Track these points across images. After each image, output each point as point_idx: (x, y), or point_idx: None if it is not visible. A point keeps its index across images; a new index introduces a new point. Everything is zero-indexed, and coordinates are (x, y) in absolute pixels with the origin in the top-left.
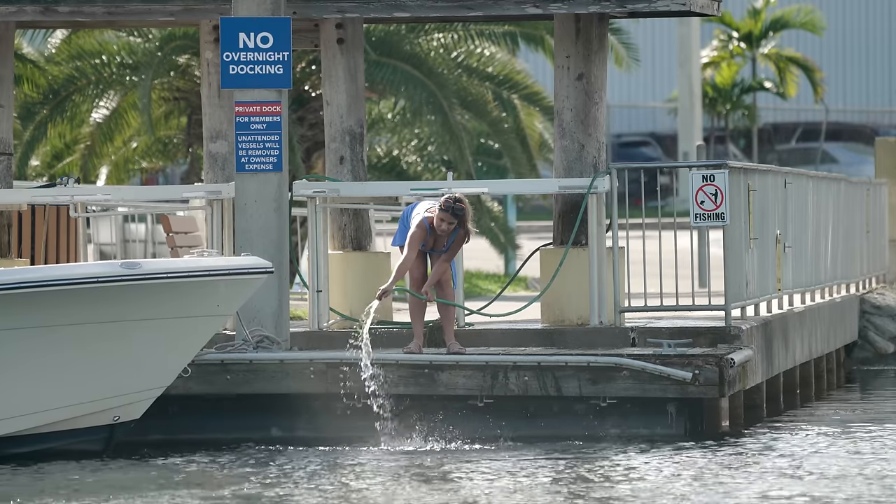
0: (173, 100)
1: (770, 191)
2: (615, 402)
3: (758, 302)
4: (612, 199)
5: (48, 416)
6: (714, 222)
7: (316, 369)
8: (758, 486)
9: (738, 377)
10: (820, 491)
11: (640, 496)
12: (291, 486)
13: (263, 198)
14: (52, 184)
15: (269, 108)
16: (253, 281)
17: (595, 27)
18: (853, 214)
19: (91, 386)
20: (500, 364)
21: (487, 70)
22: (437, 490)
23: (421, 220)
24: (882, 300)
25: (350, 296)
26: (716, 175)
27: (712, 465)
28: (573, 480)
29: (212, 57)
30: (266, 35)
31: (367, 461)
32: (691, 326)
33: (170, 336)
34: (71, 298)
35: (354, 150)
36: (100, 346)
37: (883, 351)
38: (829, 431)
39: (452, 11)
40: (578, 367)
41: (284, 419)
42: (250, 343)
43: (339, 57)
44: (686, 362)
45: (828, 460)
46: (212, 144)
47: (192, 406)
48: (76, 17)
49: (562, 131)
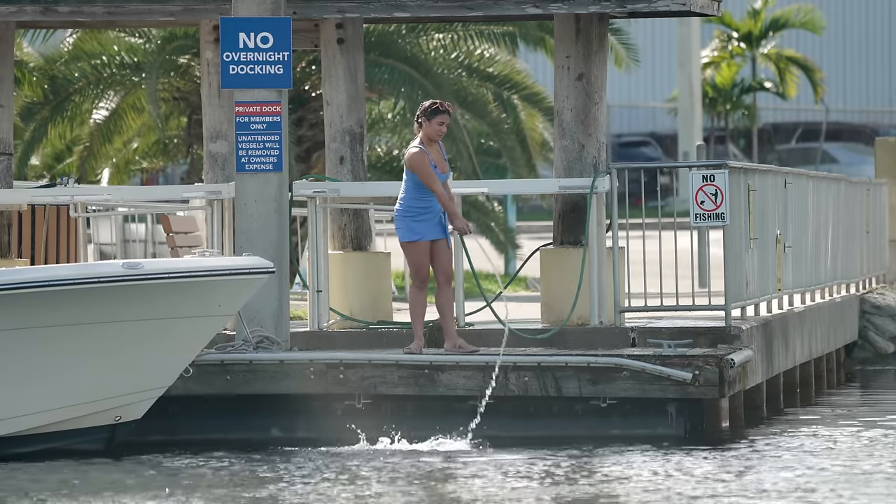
0: (173, 100)
1: (770, 191)
2: (615, 403)
3: (758, 302)
4: (612, 200)
5: (50, 416)
6: (714, 222)
7: (316, 370)
8: (757, 486)
9: (738, 377)
10: (819, 491)
11: (638, 497)
12: (291, 488)
13: (263, 198)
14: (52, 184)
15: (269, 108)
16: (254, 281)
17: (595, 27)
18: (853, 214)
19: (92, 386)
20: (501, 364)
21: (488, 70)
22: (436, 491)
23: (416, 150)
24: (882, 300)
25: (350, 296)
26: (716, 175)
27: (712, 465)
28: (572, 481)
29: (212, 57)
30: (266, 35)
31: (365, 462)
32: (691, 327)
33: (171, 336)
34: (72, 299)
35: (354, 150)
36: (101, 346)
37: (883, 351)
38: (828, 432)
39: (452, 11)
40: (578, 367)
41: (284, 420)
42: (250, 343)
43: (339, 57)
44: (686, 363)
45: (827, 461)
46: (212, 144)
47: (193, 406)
48: (76, 17)
49: (562, 131)
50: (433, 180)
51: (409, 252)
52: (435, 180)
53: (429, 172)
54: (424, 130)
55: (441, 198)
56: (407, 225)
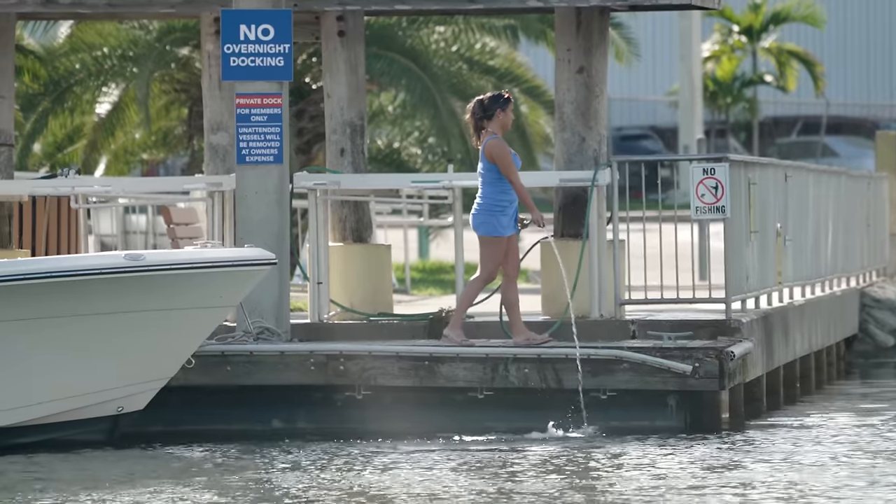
0: (174, 91)
1: (770, 184)
2: (615, 395)
3: (758, 295)
4: (612, 192)
5: (53, 406)
6: (715, 215)
7: (316, 361)
8: (753, 477)
9: (738, 370)
10: (818, 482)
11: (637, 488)
12: (290, 478)
13: (264, 189)
14: (53, 175)
15: (269, 100)
16: (256, 272)
17: (596, 21)
18: (853, 208)
19: (95, 377)
20: (501, 356)
21: (489, 63)
22: (437, 481)
23: (496, 139)
24: (882, 293)
25: (350, 288)
26: (716, 168)
27: (710, 457)
28: (572, 472)
29: (213, 49)
30: (267, 27)
31: (366, 453)
32: (691, 319)
33: (173, 327)
34: (74, 290)
35: (355, 143)
36: (104, 337)
37: (883, 344)
38: (828, 424)
39: (454, 4)
40: (580, 359)
41: (285, 411)
42: (251, 334)
43: (340, 49)
44: (686, 355)
45: (827, 453)
46: (212, 136)
47: (194, 397)
48: (77, 9)
49: (562, 124)
50: (514, 170)
51: (492, 247)
52: (515, 170)
53: (510, 162)
54: (501, 121)
55: (520, 189)
56: (493, 220)
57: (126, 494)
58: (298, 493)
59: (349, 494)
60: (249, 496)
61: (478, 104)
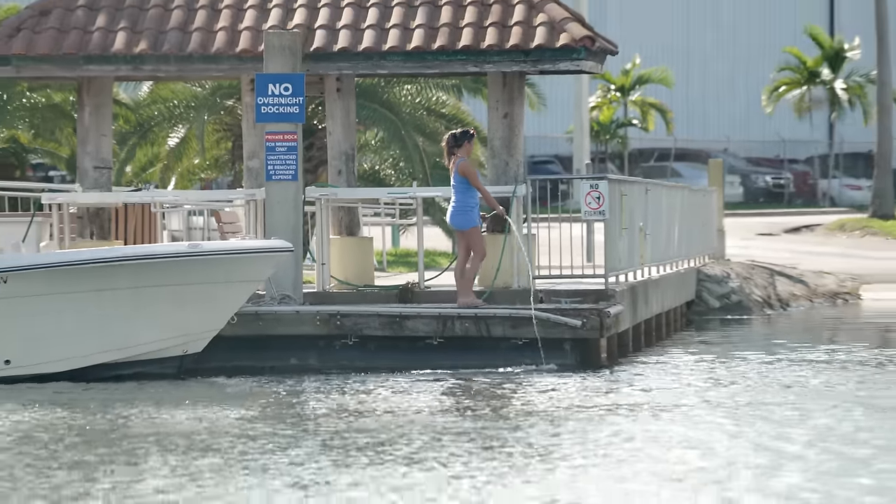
0: (222, 130)
1: (636, 196)
2: (528, 342)
3: (627, 272)
4: (527, 201)
5: (140, 349)
6: (598, 217)
7: (321, 318)
8: (625, 398)
9: (613, 324)
10: (665, 399)
11: (541, 405)
12: (304, 398)
13: (285, 199)
14: (138, 189)
15: (289, 136)
16: (279, 256)
17: (516, 81)
18: (693, 212)
19: (168, 328)
20: (449, 315)
21: (441, 111)
22: (406, 398)
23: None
24: (711, 271)
25: (345, 267)
26: (599, 184)
27: (595, 385)
28: (493, 396)
29: (249, 100)
30: (287, 85)
31: (356, 381)
32: (581, 289)
33: (221, 294)
34: (154, 268)
35: (348, 166)
36: (174, 300)
37: (712, 306)
38: (674, 361)
39: (418, 70)
40: (503, 317)
41: (300, 353)
42: (276, 299)
43: (338, 101)
44: (577, 314)
45: (674, 380)
46: (249, 161)
47: (236, 343)
48: (156, 74)
49: (493, 153)
50: (480, 182)
51: (474, 234)
52: (481, 183)
53: (476, 176)
54: (467, 148)
55: (486, 194)
56: (469, 216)
57: (186, 410)
58: (309, 409)
59: (345, 409)
60: (275, 410)
61: (451, 137)
